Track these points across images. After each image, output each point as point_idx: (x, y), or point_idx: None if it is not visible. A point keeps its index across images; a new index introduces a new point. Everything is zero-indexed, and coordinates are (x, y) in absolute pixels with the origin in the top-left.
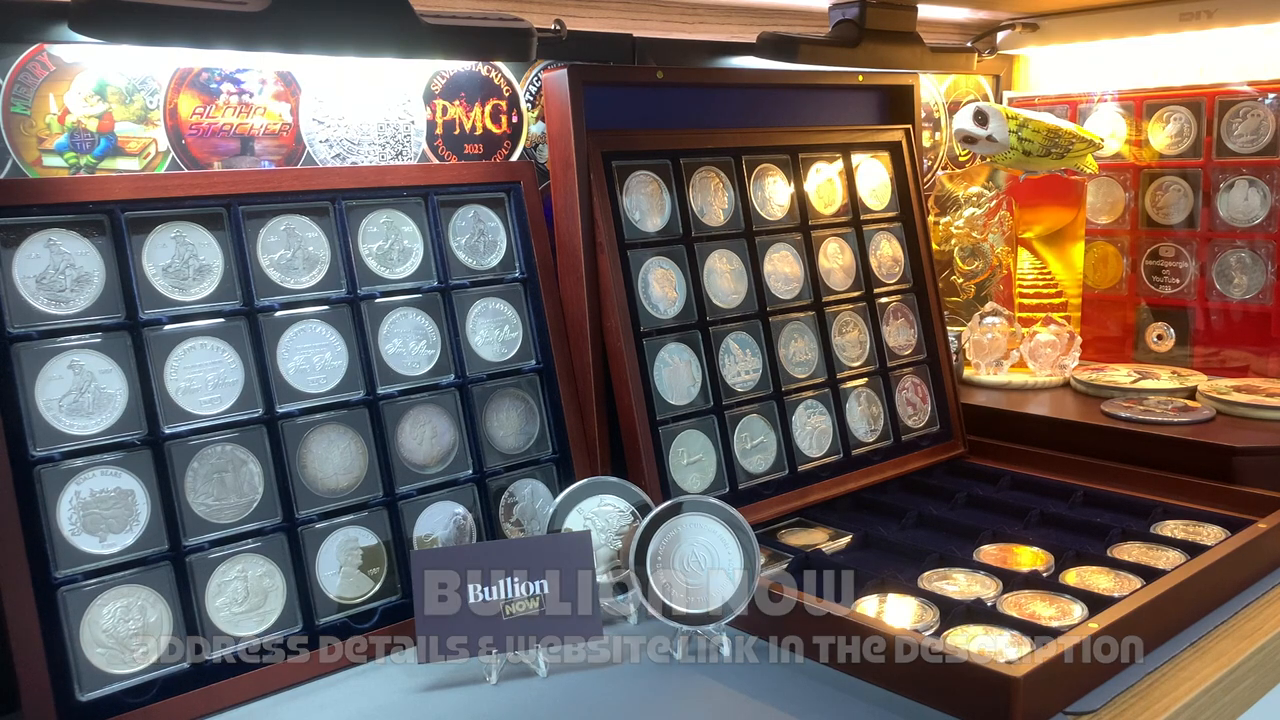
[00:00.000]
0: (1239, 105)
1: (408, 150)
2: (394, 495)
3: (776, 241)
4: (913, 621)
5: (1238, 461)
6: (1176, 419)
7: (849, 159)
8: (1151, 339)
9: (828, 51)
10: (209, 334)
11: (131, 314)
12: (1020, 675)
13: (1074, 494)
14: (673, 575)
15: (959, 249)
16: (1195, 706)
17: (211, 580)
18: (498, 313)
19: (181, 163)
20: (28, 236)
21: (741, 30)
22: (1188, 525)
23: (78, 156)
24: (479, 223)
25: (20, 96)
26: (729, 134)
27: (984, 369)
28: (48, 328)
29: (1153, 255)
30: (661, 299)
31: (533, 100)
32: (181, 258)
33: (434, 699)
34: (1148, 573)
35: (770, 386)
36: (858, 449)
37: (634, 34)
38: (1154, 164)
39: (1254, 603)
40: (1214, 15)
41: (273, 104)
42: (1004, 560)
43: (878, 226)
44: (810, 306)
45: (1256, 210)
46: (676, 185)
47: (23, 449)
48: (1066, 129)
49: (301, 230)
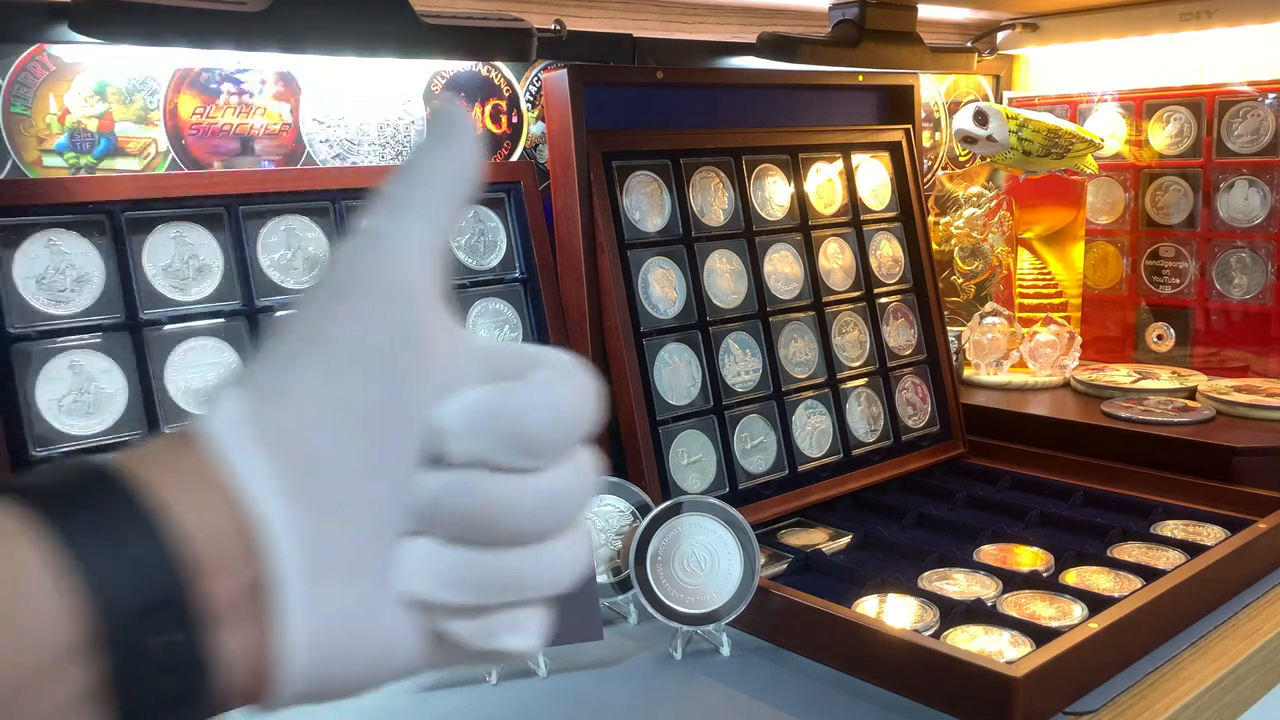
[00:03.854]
0: (1239, 105)
1: (408, 150)
2: None
3: (776, 241)
4: (913, 621)
5: (1238, 461)
6: (1176, 419)
7: (849, 159)
8: (1151, 339)
9: (828, 51)
10: (209, 334)
11: (131, 314)
12: (1020, 675)
13: (1074, 494)
14: (673, 575)
15: (959, 249)
16: (1195, 706)
17: None
18: (498, 313)
19: (181, 163)
20: (28, 237)
21: (741, 30)
22: (1188, 525)
23: (78, 156)
24: (479, 223)
25: (20, 96)
26: (729, 134)
27: (984, 369)
28: (48, 328)
29: (1153, 255)
30: (661, 299)
31: (533, 100)
32: (181, 258)
33: (434, 699)
34: (1148, 573)
35: (770, 386)
36: (858, 449)
37: (634, 34)
38: (1154, 164)
39: (1254, 603)
40: (1214, 15)
41: (273, 104)
42: (1004, 560)
43: (878, 226)
44: (810, 306)
45: (1257, 210)
46: (676, 185)
47: (23, 449)
48: (1066, 129)
49: (302, 230)
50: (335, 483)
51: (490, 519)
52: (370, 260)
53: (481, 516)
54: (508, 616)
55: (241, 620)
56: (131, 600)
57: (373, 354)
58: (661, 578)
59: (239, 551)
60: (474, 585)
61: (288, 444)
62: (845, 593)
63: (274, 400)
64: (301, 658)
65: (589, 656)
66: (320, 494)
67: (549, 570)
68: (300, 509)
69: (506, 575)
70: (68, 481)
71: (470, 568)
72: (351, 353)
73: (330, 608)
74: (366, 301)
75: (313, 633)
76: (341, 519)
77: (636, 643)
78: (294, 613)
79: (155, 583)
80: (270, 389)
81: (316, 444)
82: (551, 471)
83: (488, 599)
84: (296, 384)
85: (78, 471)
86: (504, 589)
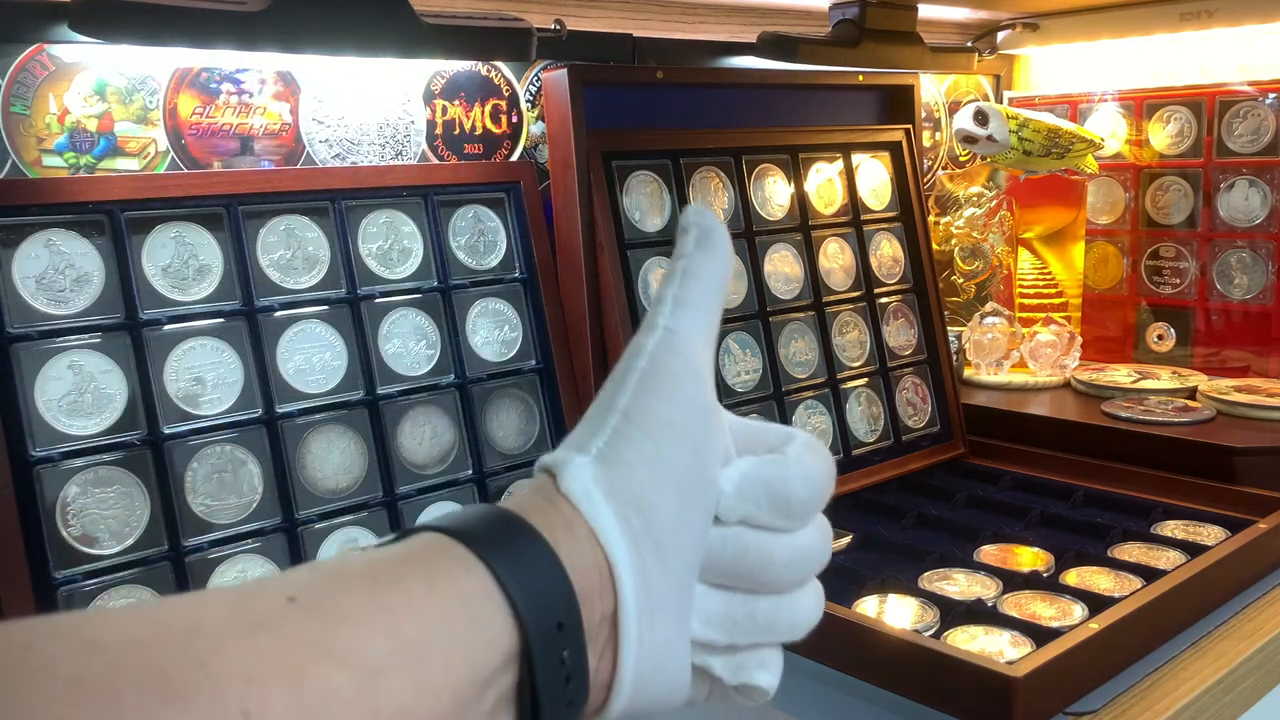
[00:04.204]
0: (1239, 105)
1: (407, 150)
2: (394, 495)
3: (777, 241)
4: (913, 622)
5: (1238, 461)
6: (1177, 419)
7: (849, 159)
8: (1152, 339)
9: (828, 51)
10: (209, 334)
11: (131, 314)
12: (1020, 675)
13: (1074, 494)
14: None
15: (959, 249)
16: (1195, 706)
17: (211, 581)
18: (498, 313)
19: (181, 163)
20: (27, 236)
21: (741, 30)
22: (1188, 525)
23: (77, 156)
24: (479, 223)
25: (20, 96)
26: (729, 134)
27: (984, 369)
28: (47, 328)
29: (1153, 255)
30: None
31: (533, 100)
32: (181, 258)
33: None
34: (1148, 573)
35: (770, 387)
36: (858, 449)
37: (634, 34)
38: (1154, 164)
39: (1254, 603)
40: (1214, 15)
41: (272, 104)
42: (1004, 560)
43: (878, 226)
44: (810, 306)
45: (1257, 210)
46: (677, 185)
47: (23, 449)
48: (1067, 129)
49: (301, 230)
50: (662, 534)
51: (752, 569)
52: (672, 352)
53: (745, 566)
54: (756, 655)
55: (597, 643)
56: (547, 620)
57: (683, 429)
58: None
59: (602, 588)
60: (731, 625)
61: (630, 503)
62: (845, 593)
63: (616, 466)
64: (629, 679)
65: None
66: (652, 544)
67: (793, 616)
68: (638, 555)
69: (759, 618)
70: (487, 524)
71: (730, 610)
72: (669, 428)
73: (656, 639)
74: (673, 385)
75: (641, 659)
76: (665, 565)
77: None
78: (630, 640)
79: (562, 606)
80: (610, 457)
81: (651, 502)
82: (802, 533)
83: (740, 639)
84: (629, 453)
85: (490, 516)
86: (755, 630)
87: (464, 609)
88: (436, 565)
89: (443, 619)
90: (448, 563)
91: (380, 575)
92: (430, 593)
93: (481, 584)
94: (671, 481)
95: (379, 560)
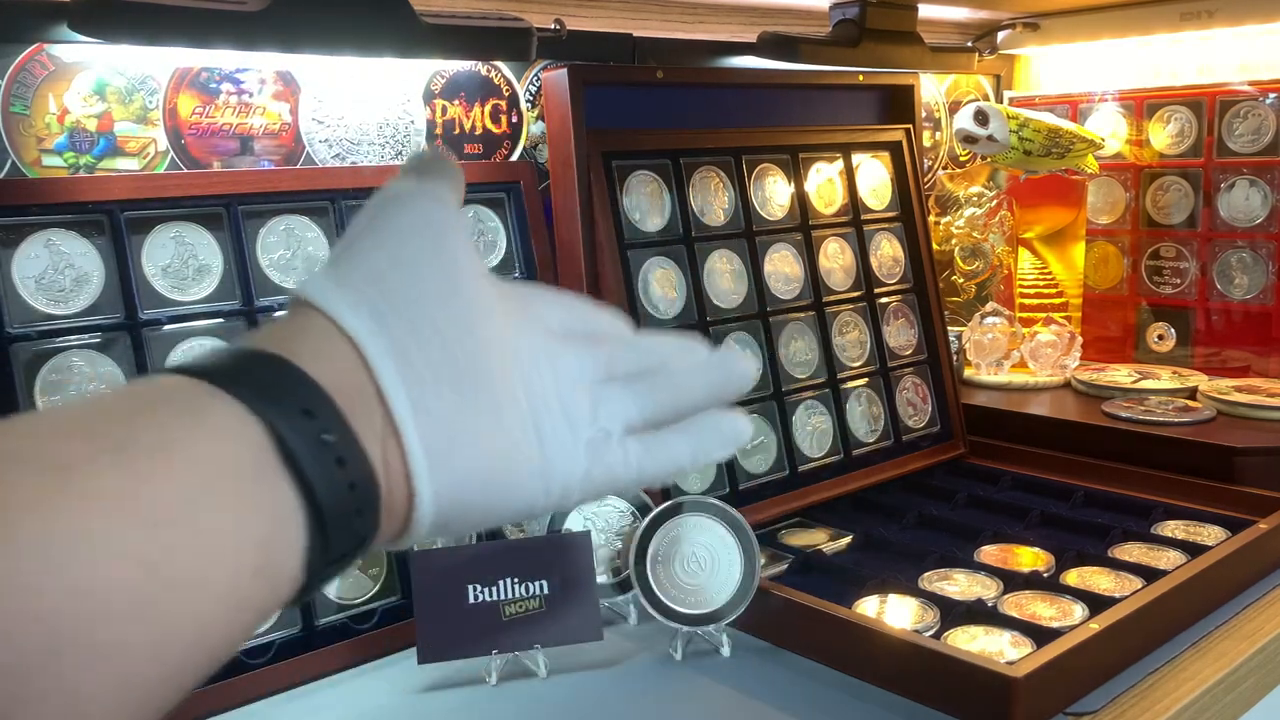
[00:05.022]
0: (1240, 105)
1: (408, 150)
2: None
3: (777, 241)
4: (913, 622)
5: (1238, 461)
6: (1177, 419)
7: (849, 159)
8: (1152, 339)
9: (828, 51)
10: (209, 334)
11: (131, 314)
12: (1020, 675)
13: (1074, 494)
14: (673, 576)
15: (959, 249)
16: (1196, 707)
17: None
18: None
19: (181, 163)
20: (27, 236)
21: (741, 30)
22: (1188, 525)
23: (77, 156)
24: (479, 223)
25: (19, 96)
26: (729, 134)
27: (984, 369)
28: (47, 328)
29: (1153, 255)
30: (661, 299)
31: (533, 100)
32: (181, 258)
33: (434, 699)
34: (1148, 573)
35: (770, 387)
36: (858, 449)
37: (634, 34)
38: (1154, 164)
39: (1255, 603)
40: (1214, 15)
41: (272, 104)
42: (1004, 561)
43: (878, 226)
44: (810, 306)
45: (1257, 210)
46: (677, 185)
47: None
48: (1067, 129)
49: (301, 230)
50: (411, 307)
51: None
52: (408, 186)
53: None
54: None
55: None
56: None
57: (416, 227)
58: (662, 578)
59: (355, 364)
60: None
61: (364, 284)
62: (845, 593)
63: (347, 261)
64: (420, 454)
65: (589, 657)
66: (403, 317)
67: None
68: (381, 325)
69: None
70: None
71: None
72: (398, 230)
73: (443, 410)
74: (398, 204)
75: (430, 432)
76: (422, 335)
77: (636, 643)
78: (403, 407)
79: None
80: (343, 260)
81: (388, 278)
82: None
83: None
84: (362, 251)
85: (216, 350)
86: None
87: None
88: (172, 399)
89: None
90: (183, 397)
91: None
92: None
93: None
94: (409, 257)
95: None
